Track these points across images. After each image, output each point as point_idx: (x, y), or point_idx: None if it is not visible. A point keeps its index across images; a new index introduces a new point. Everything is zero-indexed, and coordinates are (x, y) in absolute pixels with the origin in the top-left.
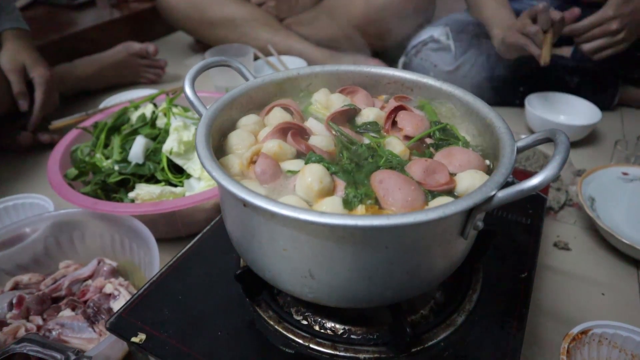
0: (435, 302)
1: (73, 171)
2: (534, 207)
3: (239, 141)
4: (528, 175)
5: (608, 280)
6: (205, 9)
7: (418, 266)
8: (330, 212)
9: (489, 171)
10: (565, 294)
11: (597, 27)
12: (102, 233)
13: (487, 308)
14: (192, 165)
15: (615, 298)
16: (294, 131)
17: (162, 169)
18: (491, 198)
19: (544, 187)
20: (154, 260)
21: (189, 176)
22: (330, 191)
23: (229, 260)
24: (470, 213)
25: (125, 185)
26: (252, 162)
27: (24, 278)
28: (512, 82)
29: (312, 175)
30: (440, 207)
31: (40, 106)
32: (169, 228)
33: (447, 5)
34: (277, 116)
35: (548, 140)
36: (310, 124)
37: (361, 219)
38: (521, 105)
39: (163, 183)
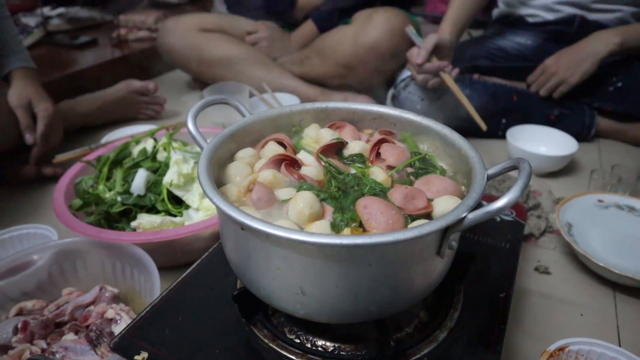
0: (419, 320)
1: (78, 202)
2: (513, 232)
3: (237, 172)
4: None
5: (586, 302)
6: (202, 49)
7: (399, 283)
8: (320, 233)
9: (463, 197)
10: (545, 315)
11: (542, 75)
12: (104, 261)
13: (468, 325)
14: (191, 197)
15: (593, 318)
16: (287, 162)
17: (163, 200)
18: (462, 219)
19: (523, 214)
20: (154, 286)
21: (187, 207)
22: (319, 216)
23: (226, 284)
24: (444, 233)
25: (127, 215)
26: (249, 190)
27: (28, 304)
28: (495, 114)
29: (303, 201)
30: (417, 227)
31: (42, 137)
32: (168, 256)
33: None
34: (271, 149)
35: (514, 168)
36: (302, 156)
37: (346, 238)
38: (504, 136)
39: (163, 213)
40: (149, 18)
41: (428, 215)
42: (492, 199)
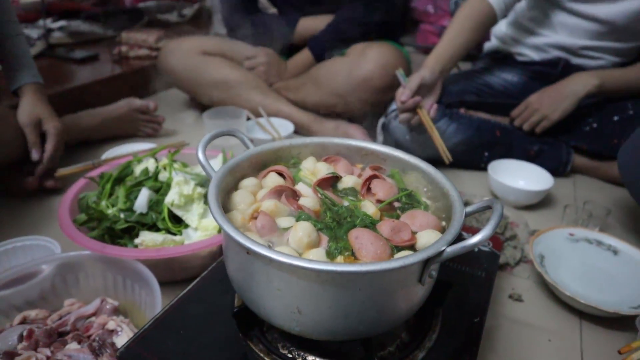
0: (401, 340)
1: (82, 217)
2: (489, 262)
3: (241, 200)
4: None
5: (554, 328)
6: (202, 71)
7: (385, 306)
8: (317, 260)
9: (443, 231)
10: (517, 340)
11: (526, 110)
12: (106, 275)
13: (444, 346)
14: (190, 217)
15: (560, 343)
16: (287, 193)
17: (163, 219)
18: (442, 252)
19: (499, 245)
20: (156, 300)
21: (186, 226)
22: (316, 244)
23: (224, 301)
24: (426, 264)
25: (129, 232)
26: (253, 217)
27: (32, 313)
28: (478, 147)
29: (302, 230)
30: (402, 259)
31: (51, 155)
32: (166, 272)
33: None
34: (272, 180)
35: (488, 207)
36: (300, 187)
37: (340, 266)
38: (486, 168)
39: (164, 231)
40: (150, 37)
41: (412, 247)
42: (471, 230)
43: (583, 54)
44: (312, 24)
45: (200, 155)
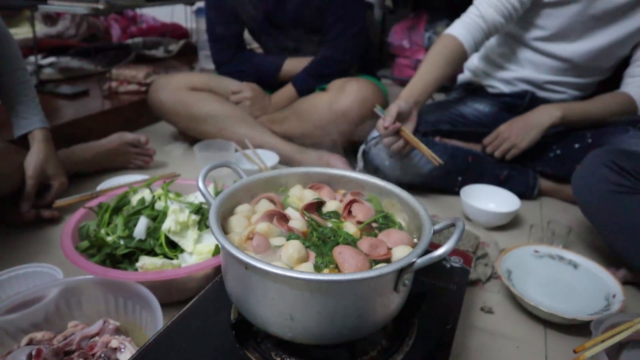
0: (381, 346)
1: (84, 244)
2: (460, 276)
3: (237, 223)
4: (457, 252)
5: (522, 336)
6: (190, 105)
7: (365, 312)
8: (306, 272)
9: (414, 246)
10: (488, 347)
11: (497, 139)
12: (107, 297)
13: (420, 350)
14: (186, 242)
15: (527, 349)
16: (278, 216)
17: (161, 245)
18: (413, 263)
19: (469, 262)
20: (157, 319)
21: (182, 251)
22: (305, 259)
23: (221, 316)
24: (400, 274)
25: (129, 257)
26: (249, 238)
27: (38, 335)
28: (452, 172)
29: (292, 247)
30: (379, 269)
31: (50, 203)
32: (164, 294)
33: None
34: (264, 205)
35: (453, 225)
36: (289, 211)
37: (326, 276)
38: (459, 193)
39: (161, 256)
40: (140, 73)
41: (388, 260)
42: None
43: (547, 88)
44: (298, 64)
45: (201, 185)
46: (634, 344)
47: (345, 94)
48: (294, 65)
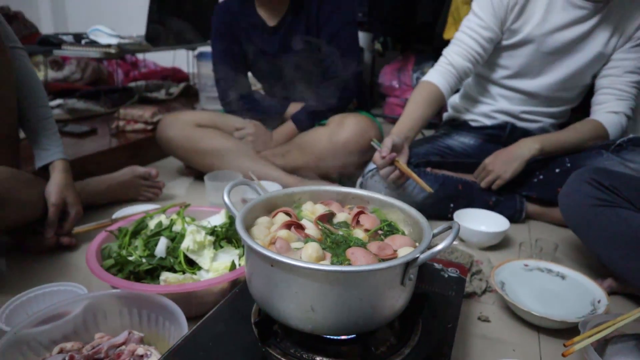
0: (390, 342)
1: (110, 261)
2: (457, 284)
3: (259, 232)
4: (454, 264)
5: (517, 341)
6: (197, 141)
7: (377, 303)
8: (326, 265)
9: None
10: (486, 351)
11: (483, 171)
12: (131, 310)
13: (425, 345)
14: (203, 260)
15: (522, 352)
16: (295, 225)
17: (180, 263)
18: (417, 258)
19: (465, 273)
20: (182, 328)
21: (199, 268)
22: (322, 258)
23: (242, 320)
24: (406, 267)
25: (151, 274)
26: (272, 243)
27: (68, 345)
28: (444, 199)
29: (311, 248)
30: (388, 262)
31: (68, 231)
32: (185, 307)
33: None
34: (281, 217)
35: (449, 228)
36: (304, 222)
37: (343, 267)
38: (452, 218)
39: (180, 273)
40: (146, 112)
41: (393, 259)
42: (445, 263)
43: (524, 118)
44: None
45: (226, 199)
46: (617, 339)
47: (344, 128)
48: (296, 109)
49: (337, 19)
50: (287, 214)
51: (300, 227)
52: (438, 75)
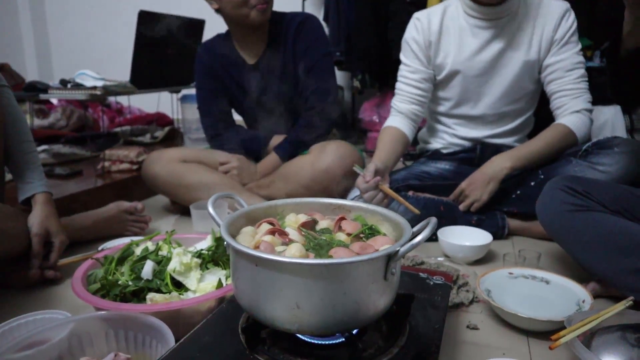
0: (378, 345)
1: (95, 285)
2: (443, 290)
3: (243, 240)
4: (439, 273)
5: (507, 345)
6: (182, 176)
7: (361, 298)
8: (310, 259)
9: None
10: (477, 355)
11: (461, 195)
12: (117, 332)
13: (412, 345)
14: (189, 281)
15: (512, 355)
16: (279, 232)
17: (166, 284)
18: (397, 251)
19: (449, 280)
20: (170, 344)
21: (186, 289)
22: (305, 257)
23: (229, 331)
24: (387, 260)
25: (137, 295)
26: (256, 247)
27: None
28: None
29: (295, 248)
30: (369, 254)
31: (54, 263)
32: (172, 327)
33: None
34: (265, 227)
35: (427, 224)
36: (288, 230)
37: (326, 260)
38: (437, 239)
39: (167, 294)
40: (132, 153)
41: None
42: (417, 269)
43: (489, 142)
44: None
45: (211, 209)
46: (602, 332)
47: (326, 153)
48: (279, 141)
49: (312, 53)
50: (271, 223)
51: (283, 234)
52: (393, 121)
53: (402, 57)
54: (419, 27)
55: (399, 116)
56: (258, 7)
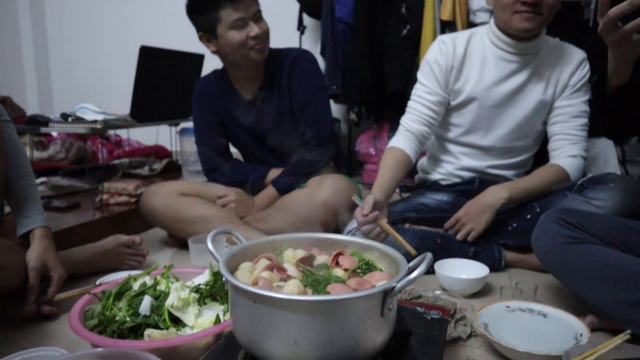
0: None
1: (93, 321)
2: (440, 324)
3: (242, 276)
4: (435, 307)
5: None
6: (180, 209)
7: (359, 334)
8: (307, 295)
9: None
10: None
11: (457, 224)
12: None
13: None
14: (187, 317)
15: None
16: (277, 268)
17: (164, 320)
18: (394, 287)
19: (447, 314)
20: None
21: (184, 325)
22: (303, 294)
23: None
24: (384, 296)
25: (135, 331)
26: (255, 283)
27: None
28: (424, 251)
29: (293, 284)
30: (366, 290)
31: (51, 298)
32: None
33: None
34: (263, 262)
35: (423, 259)
36: (286, 265)
37: (323, 297)
38: (434, 272)
39: (165, 330)
40: (130, 185)
41: None
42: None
43: (489, 173)
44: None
45: (210, 245)
46: None
47: (323, 187)
48: (276, 174)
49: (307, 88)
50: (269, 259)
51: (281, 270)
52: (400, 140)
53: (420, 76)
54: (443, 50)
55: (407, 136)
56: (256, 48)
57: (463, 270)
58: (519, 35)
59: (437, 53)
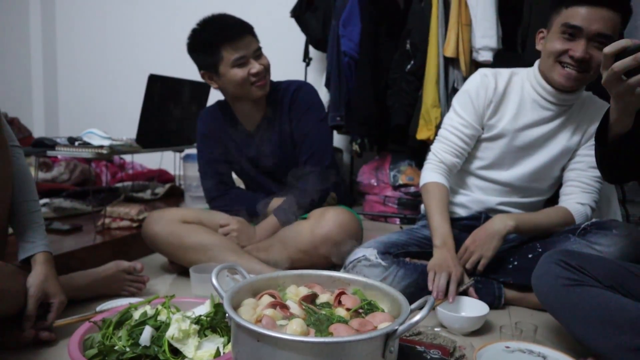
0: None
1: (93, 351)
2: None
3: (245, 313)
4: (435, 346)
5: None
6: (182, 236)
7: None
8: (311, 336)
9: None
10: None
11: (465, 253)
12: None
13: None
14: (187, 349)
15: None
16: (280, 306)
17: (164, 351)
18: (396, 330)
19: (447, 354)
20: None
21: (184, 357)
22: (306, 334)
23: None
24: (386, 339)
25: None
26: (258, 321)
27: None
28: (424, 288)
29: (296, 324)
30: (369, 332)
31: (49, 325)
32: None
33: (371, 232)
34: (266, 299)
35: (425, 302)
36: (288, 303)
37: (326, 339)
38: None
39: None
40: (132, 210)
41: None
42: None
43: (498, 209)
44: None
45: (214, 280)
46: None
47: (326, 220)
48: (278, 203)
49: (307, 119)
50: (272, 295)
51: (284, 307)
52: (436, 174)
53: (457, 106)
54: (485, 83)
55: (442, 168)
56: (257, 84)
57: (463, 308)
58: (561, 87)
59: (479, 84)
